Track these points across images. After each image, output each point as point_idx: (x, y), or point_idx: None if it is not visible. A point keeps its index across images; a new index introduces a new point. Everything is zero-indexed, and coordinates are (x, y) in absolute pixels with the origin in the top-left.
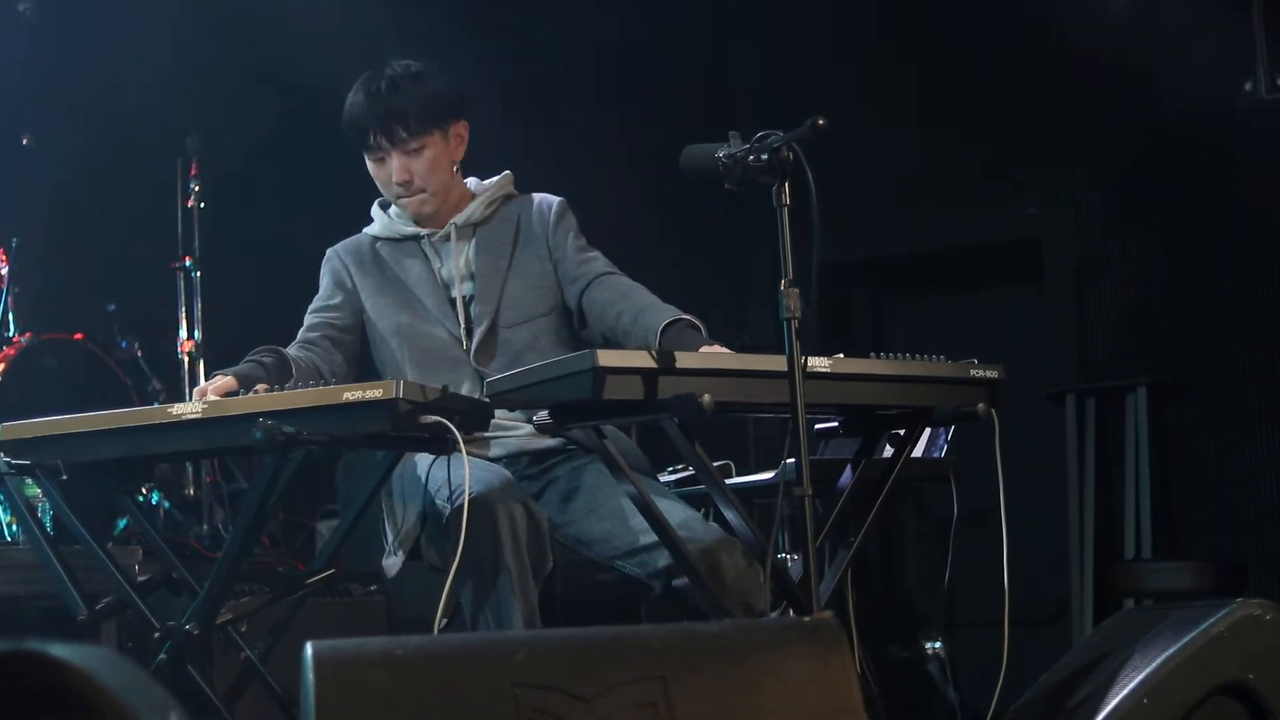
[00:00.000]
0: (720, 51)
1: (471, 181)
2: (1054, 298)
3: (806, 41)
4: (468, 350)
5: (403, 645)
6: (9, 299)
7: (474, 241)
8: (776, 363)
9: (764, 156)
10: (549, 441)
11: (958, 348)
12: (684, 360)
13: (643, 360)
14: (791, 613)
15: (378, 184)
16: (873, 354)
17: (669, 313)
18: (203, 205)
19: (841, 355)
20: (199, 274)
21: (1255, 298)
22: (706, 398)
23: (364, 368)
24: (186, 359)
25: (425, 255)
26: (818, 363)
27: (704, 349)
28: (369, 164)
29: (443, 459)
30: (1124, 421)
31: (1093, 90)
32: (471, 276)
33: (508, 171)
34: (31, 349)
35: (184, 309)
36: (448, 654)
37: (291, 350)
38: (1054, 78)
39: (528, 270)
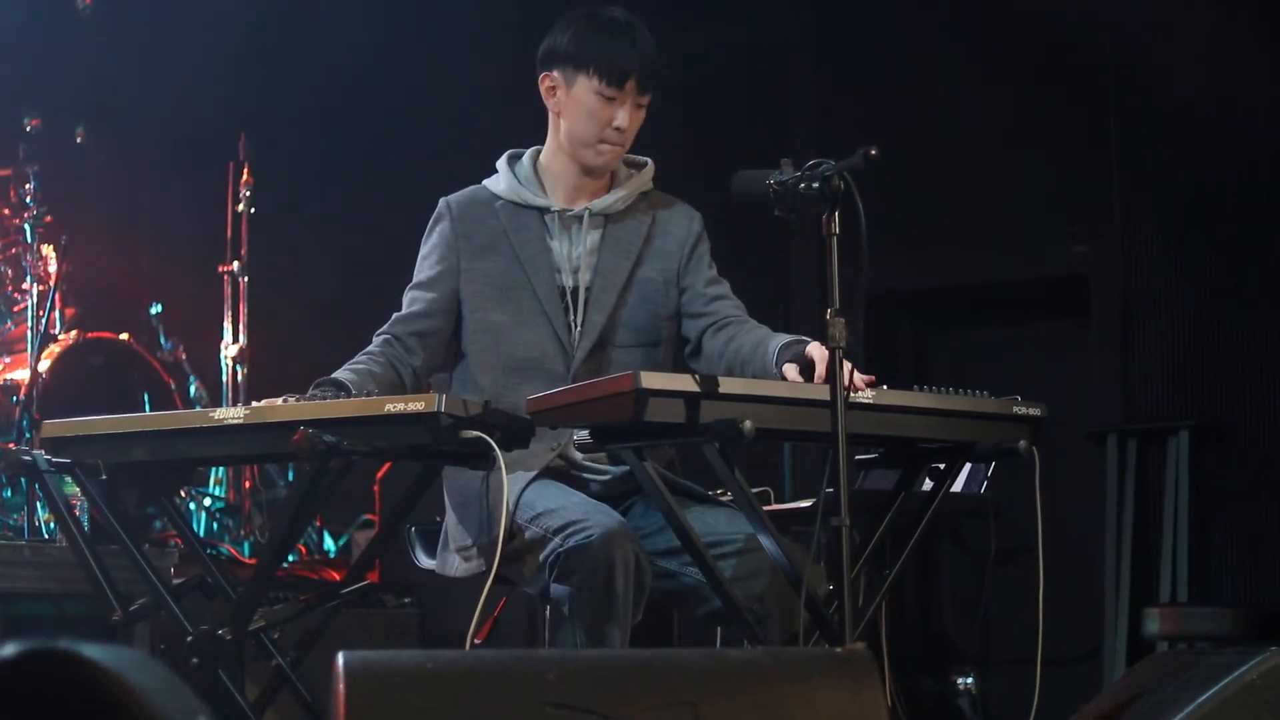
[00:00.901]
0: (771, 74)
1: (629, 179)
2: (1099, 336)
3: (856, 70)
4: (569, 365)
5: (434, 659)
6: (56, 297)
7: (603, 233)
8: (819, 391)
9: (815, 185)
10: (631, 485)
11: (1001, 383)
12: (726, 385)
13: (685, 384)
14: (824, 642)
15: (584, 119)
16: (916, 387)
17: (784, 336)
18: (253, 210)
19: (885, 387)
20: (246, 278)
21: None
22: (747, 424)
23: (450, 352)
24: (231, 363)
25: (547, 231)
26: (860, 393)
27: (812, 347)
28: (590, 97)
29: (543, 483)
30: (1165, 463)
31: (1144, 128)
32: (593, 269)
33: (651, 162)
34: (77, 347)
35: (230, 313)
36: (479, 670)
37: (375, 351)
38: (1106, 114)
39: (650, 288)
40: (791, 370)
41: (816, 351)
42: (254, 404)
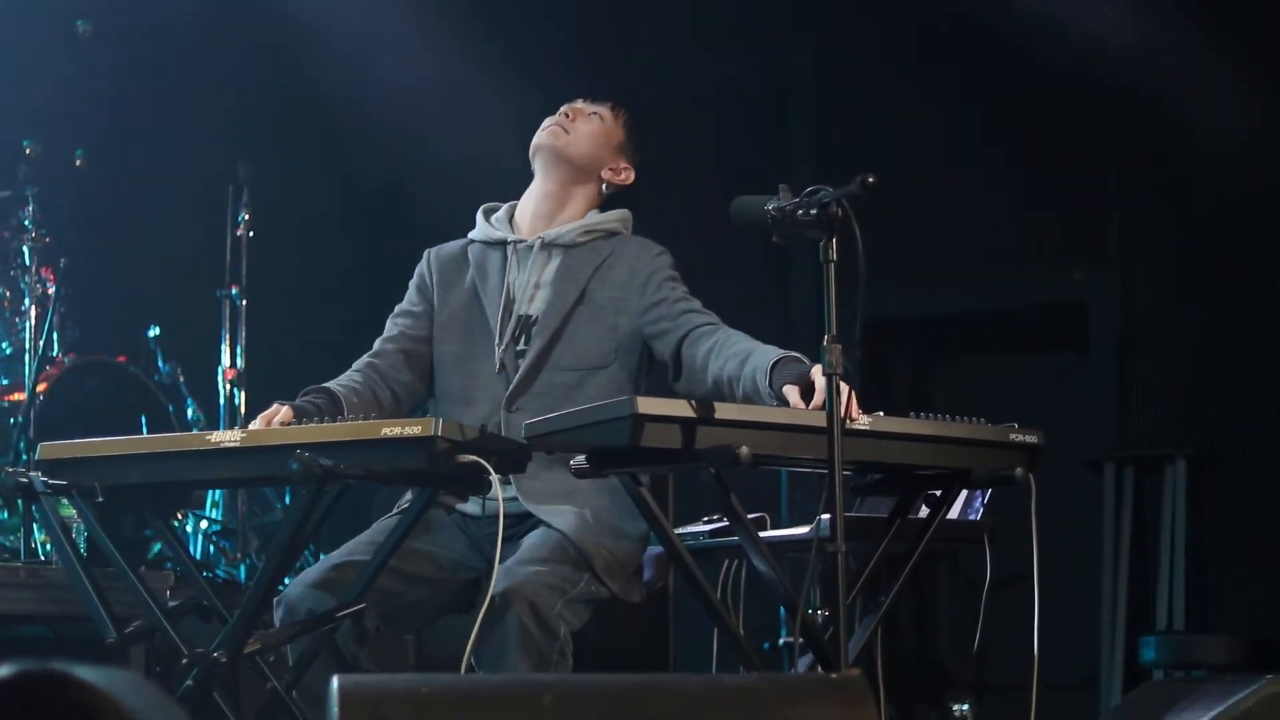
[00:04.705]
0: (773, 108)
1: (592, 213)
2: (1097, 364)
3: (856, 102)
4: (507, 389)
5: (429, 683)
6: (54, 319)
7: (557, 263)
8: (816, 417)
9: (813, 211)
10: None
11: (999, 411)
12: (723, 411)
13: (682, 409)
14: (820, 668)
15: (541, 129)
16: (913, 414)
17: (774, 352)
18: (251, 234)
19: (882, 413)
20: (244, 302)
21: None
22: (744, 450)
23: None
24: (228, 386)
25: (509, 264)
26: (858, 420)
27: (816, 370)
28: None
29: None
30: (1162, 491)
31: (1144, 158)
32: (544, 298)
33: (625, 210)
34: (74, 370)
35: (228, 336)
36: (474, 693)
37: (355, 372)
38: (1106, 142)
39: (598, 313)
40: (793, 393)
41: (819, 380)
42: (250, 427)
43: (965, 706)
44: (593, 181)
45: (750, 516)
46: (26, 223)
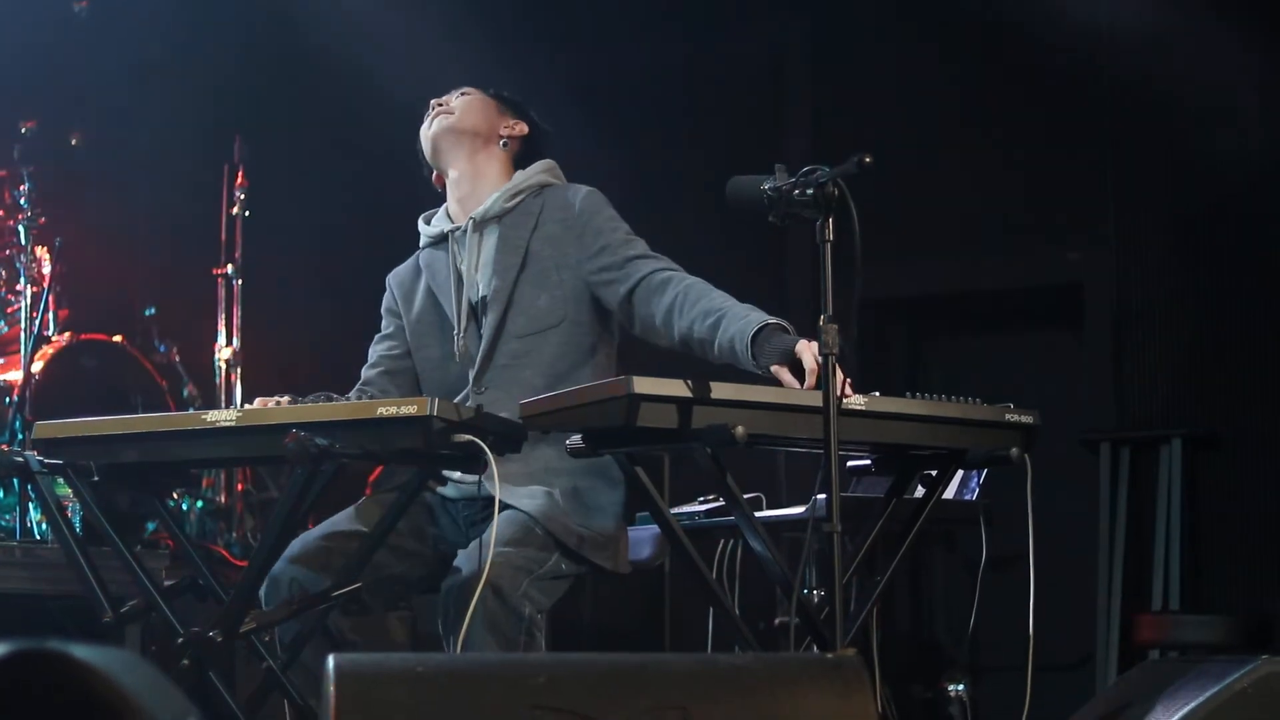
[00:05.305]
0: (768, 83)
1: (517, 175)
2: (1093, 344)
3: (853, 79)
4: (471, 368)
5: (424, 662)
6: (50, 298)
7: (495, 237)
8: (811, 397)
9: (809, 191)
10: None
11: (994, 391)
12: (719, 391)
13: (678, 389)
14: (815, 648)
15: (424, 128)
16: (908, 394)
17: (753, 319)
18: (248, 213)
19: (877, 393)
20: (240, 281)
21: None
22: (739, 429)
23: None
24: (224, 366)
25: (454, 256)
26: (853, 400)
27: (801, 346)
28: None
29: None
30: (1157, 472)
31: (1140, 138)
32: (491, 274)
33: (547, 160)
34: (70, 349)
35: (224, 316)
36: (468, 673)
37: (350, 396)
38: (1103, 121)
39: (544, 274)
40: (784, 373)
41: (806, 356)
42: (246, 406)
43: (961, 686)
44: (493, 144)
45: (745, 496)
46: (22, 202)
